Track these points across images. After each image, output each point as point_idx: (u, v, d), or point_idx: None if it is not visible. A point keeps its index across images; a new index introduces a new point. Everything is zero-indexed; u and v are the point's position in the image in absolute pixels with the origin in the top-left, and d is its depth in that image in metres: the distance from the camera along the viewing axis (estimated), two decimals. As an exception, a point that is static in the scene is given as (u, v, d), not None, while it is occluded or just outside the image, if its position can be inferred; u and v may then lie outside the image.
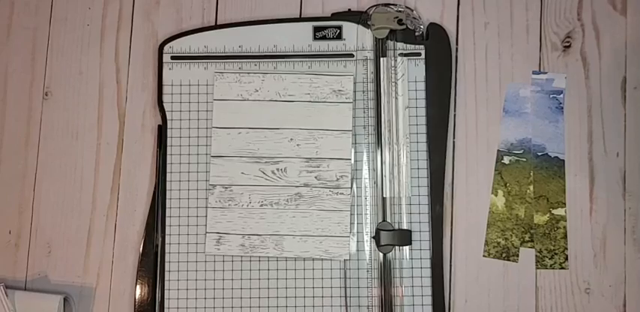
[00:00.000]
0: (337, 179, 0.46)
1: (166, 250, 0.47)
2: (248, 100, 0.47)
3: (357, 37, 0.49)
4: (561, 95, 0.48)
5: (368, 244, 0.47)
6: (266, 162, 0.47)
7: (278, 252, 0.46)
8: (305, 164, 0.46)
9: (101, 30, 0.51)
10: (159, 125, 0.49)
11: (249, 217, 0.47)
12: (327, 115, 0.47)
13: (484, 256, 0.47)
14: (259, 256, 0.46)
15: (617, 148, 0.48)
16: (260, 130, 0.47)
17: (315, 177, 0.46)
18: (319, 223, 0.46)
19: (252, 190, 0.47)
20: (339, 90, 0.47)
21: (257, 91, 0.47)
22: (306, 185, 0.46)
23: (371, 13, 0.49)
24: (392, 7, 0.49)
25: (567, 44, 0.49)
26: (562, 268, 0.47)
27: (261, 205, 0.46)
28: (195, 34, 0.49)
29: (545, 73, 0.49)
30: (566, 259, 0.47)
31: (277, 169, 0.46)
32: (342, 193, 0.46)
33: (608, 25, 0.49)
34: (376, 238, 0.47)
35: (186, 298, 0.47)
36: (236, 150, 0.47)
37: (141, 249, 0.48)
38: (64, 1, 0.51)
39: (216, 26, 0.50)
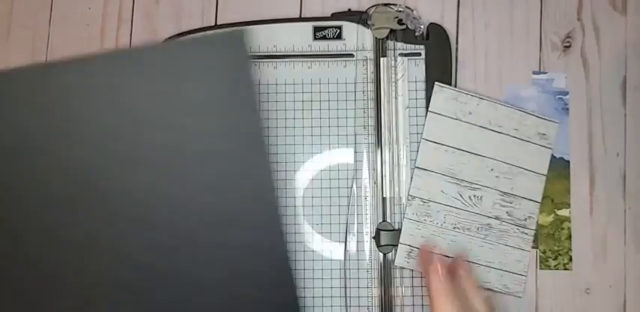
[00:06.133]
0: (525, 219, 0.47)
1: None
2: (461, 120, 0.47)
3: (357, 37, 0.49)
4: (567, 96, 0.48)
5: (368, 244, 0.47)
6: (465, 186, 0.46)
7: None
8: (500, 197, 0.46)
9: (101, 30, 0.51)
10: (159, 125, 0.49)
11: (441, 236, 0.46)
12: (527, 155, 0.47)
13: (484, 256, 0.48)
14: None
15: (617, 148, 0.48)
16: (466, 153, 0.47)
17: (507, 212, 0.46)
18: (502, 258, 0.46)
19: (448, 211, 0.46)
20: (543, 134, 0.47)
21: (471, 113, 0.47)
22: (497, 218, 0.46)
23: (371, 13, 0.49)
24: (392, 7, 0.49)
25: (567, 44, 0.49)
26: (566, 268, 0.47)
27: (454, 228, 0.46)
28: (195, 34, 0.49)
29: (546, 73, 0.49)
30: (570, 259, 0.47)
31: (474, 196, 0.46)
32: (527, 234, 0.47)
33: (608, 25, 0.49)
34: (376, 238, 0.47)
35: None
36: (440, 167, 0.47)
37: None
38: (64, 1, 0.51)
39: (216, 26, 0.50)
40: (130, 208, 0.40)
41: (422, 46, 0.48)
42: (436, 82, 0.47)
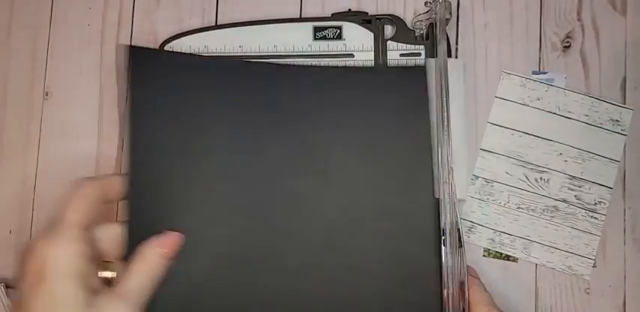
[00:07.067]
0: (595, 203, 0.47)
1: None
2: (528, 106, 0.48)
3: (357, 37, 0.49)
4: (563, 95, 0.49)
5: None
6: (531, 168, 0.47)
7: (524, 255, 0.47)
8: (568, 181, 0.47)
9: (101, 30, 0.51)
10: (159, 125, 0.49)
11: (503, 215, 0.47)
12: (599, 141, 0.48)
13: (484, 255, 0.48)
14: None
15: (616, 148, 0.48)
16: (533, 136, 0.48)
17: (575, 196, 0.47)
18: (569, 240, 0.47)
19: (512, 191, 0.48)
20: (617, 120, 0.48)
21: (539, 99, 0.48)
22: (564, 201, 0.47)
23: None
24: None
25: (567, 44, 0.49)
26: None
27: (518, 208, 0.47)
28: (196, 34, 0.49)
29: (545, 73, 0.49)
30: (567, 259, 0.47)
31: (540, 178, 0.47)
32: (597, 218, 0.47)
33: (607, 25, 0.49)
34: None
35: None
36: (505, 149, 0.48)
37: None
38: (65, 1, 0.51)
39: (217, 26, 0.50)
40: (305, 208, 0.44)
41: (422, 46, 0.48)
42: (503, 70, 0.48)
